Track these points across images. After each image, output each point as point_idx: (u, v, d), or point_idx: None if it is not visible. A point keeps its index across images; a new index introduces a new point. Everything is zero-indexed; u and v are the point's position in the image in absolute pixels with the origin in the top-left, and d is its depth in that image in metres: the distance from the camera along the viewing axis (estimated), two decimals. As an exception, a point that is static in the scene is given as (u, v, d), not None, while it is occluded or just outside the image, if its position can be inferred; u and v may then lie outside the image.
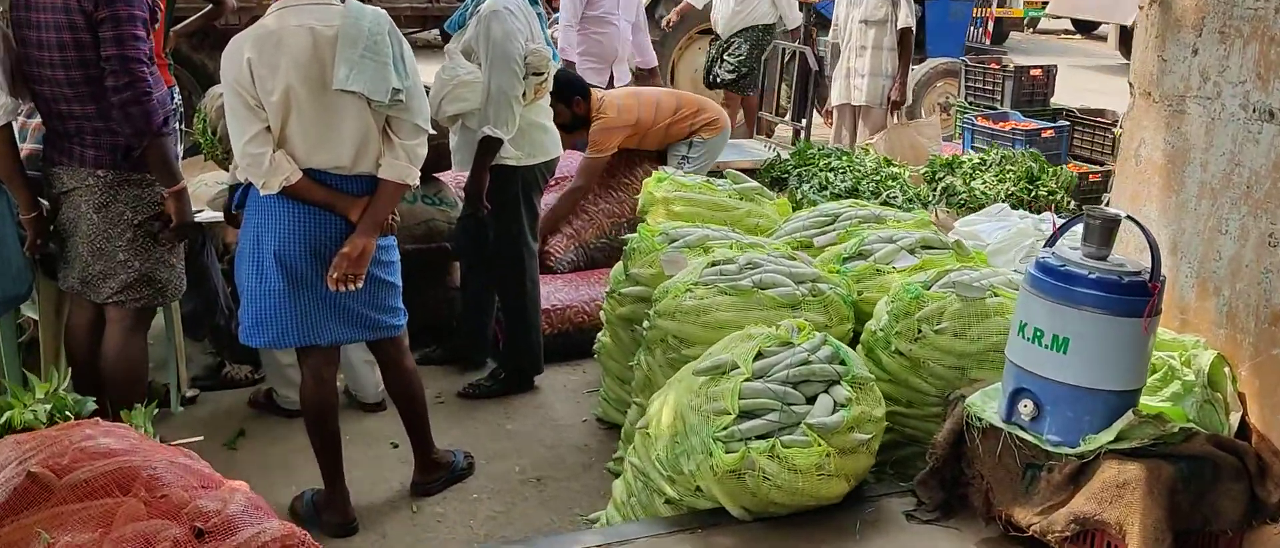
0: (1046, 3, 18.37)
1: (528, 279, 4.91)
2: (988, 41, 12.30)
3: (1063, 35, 21.75)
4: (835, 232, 4.60)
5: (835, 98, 7.45)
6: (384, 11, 3.66)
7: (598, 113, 5.56)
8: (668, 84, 9.70)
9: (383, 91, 3.52)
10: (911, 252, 4.22)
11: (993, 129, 8.32)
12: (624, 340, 4.48)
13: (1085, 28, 21.09)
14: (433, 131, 3.77)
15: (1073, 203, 5.76)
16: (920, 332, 3.67)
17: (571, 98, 5.48)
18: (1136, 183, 3.52)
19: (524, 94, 4.63)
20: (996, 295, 3.70)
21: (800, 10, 9.37)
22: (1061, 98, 9.57)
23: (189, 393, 4.88)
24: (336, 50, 3.50)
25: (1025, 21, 19.27)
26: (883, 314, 3.79)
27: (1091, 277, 3.05)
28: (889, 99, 7.19)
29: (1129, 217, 3.09)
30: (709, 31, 9.26)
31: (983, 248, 4.70)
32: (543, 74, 4.66)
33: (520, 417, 4.82)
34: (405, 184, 3.67)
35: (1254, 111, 3.10)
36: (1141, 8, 3.45)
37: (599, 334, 4.73)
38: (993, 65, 9.24)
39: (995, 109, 8.91)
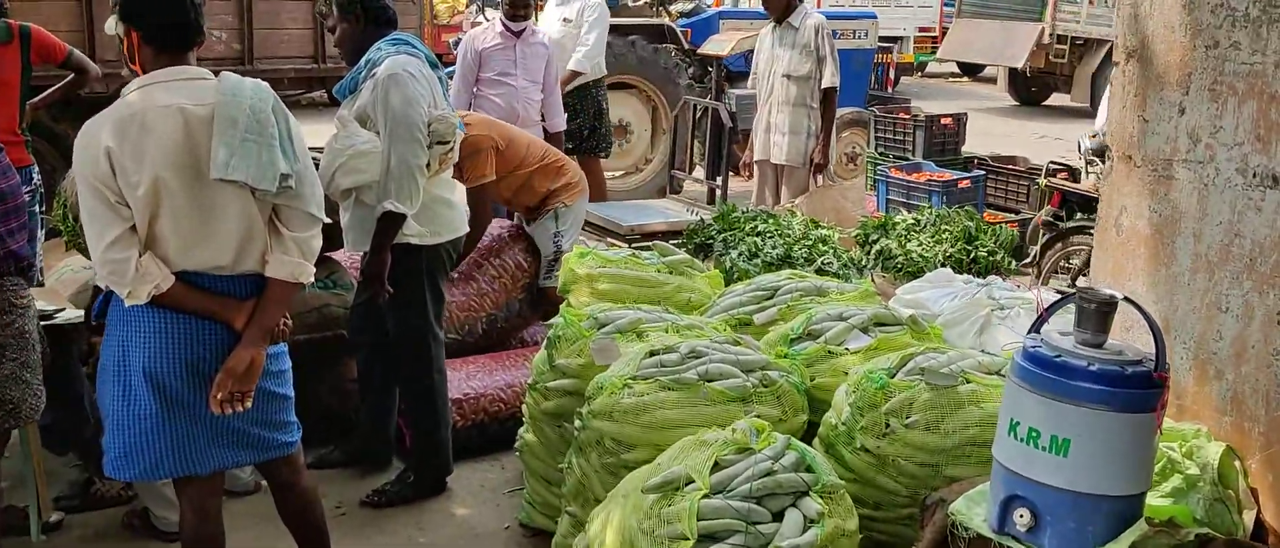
0: (935, 48, 18.53)
1: (434, 370, 4.42)
2: (891, 89, 12.19)
3: (950, 79, 22.02)
4: (776, 307, 4.22)
5: (756, 152, 7.05)
6: (265, 84, 3.18)
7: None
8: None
9: (269, 178, 3.04)
10: (864, 330, 3.86)
11: (908, 181, 8.12)
12: (551, 439, 4.02)
13: (971, 70, 21.38)
14: (328, 219, 3.28)
15: (1012, 261, 5.50)
16: (888, 426, 3.28)
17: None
18: (1119, 255, 3.20)
19: (428, 165, 4.16)
20: (969, 382, 3.34)
21: (686, 66, 9.12)
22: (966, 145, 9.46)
23: (52, 517, 4.26)
24: (213, 132, 3.01)
25: (914, 66, 19.42)
26: (844, 407, 3.40)
27: (1092, 369, 2.69)
28: (811, 160, 6.77)
29: (1127, 299, 2.75)
30: (622, 84, 8.92)
31: (932, 318, 4.36)
32: (448, 142, 4.20)
33: (434, 527, 4.32)
34: (298, 283, 3.17)
35: (1255, 177, 2.80)
36: (1117, 63, 3.15)
37: (521, 431, 4.26)
38: (902, 115, 9.08)
39: (907, 159, 8.73)
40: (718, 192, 7.19)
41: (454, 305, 5.27)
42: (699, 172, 8.95)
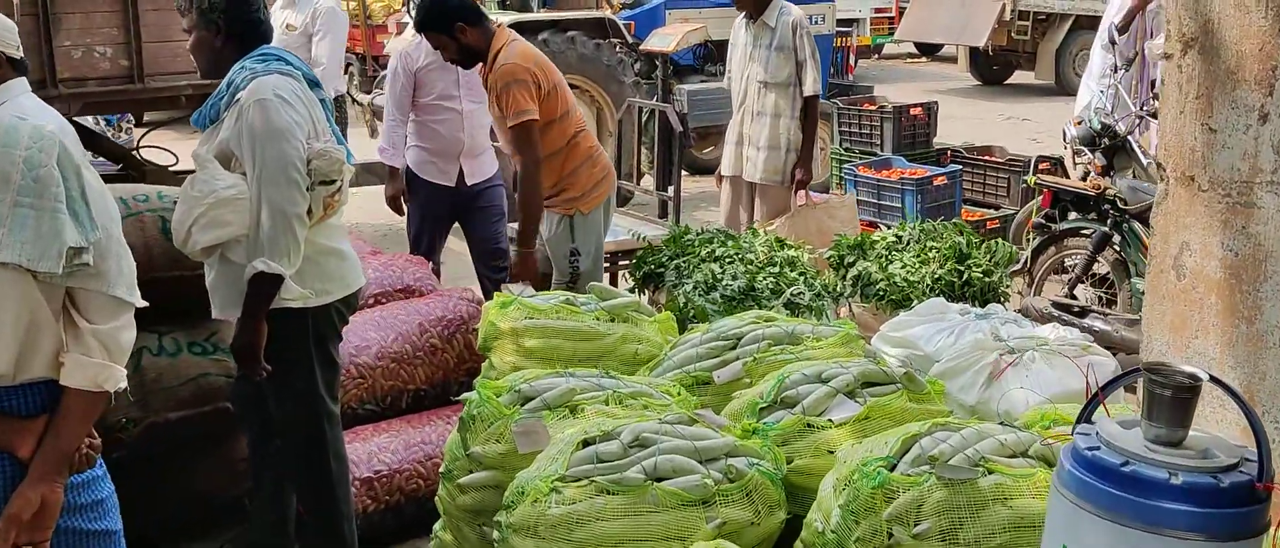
0: (892, 30, 17.85)
1: (330, 455, 3.64)
2: (851, 76, 11.47)
3: (908, 59, 21.37)
4: (741, 362, 3.48)
5: (725, 166, 6.13)
6: (51, 128, 2.38)
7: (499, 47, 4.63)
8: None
9: (52, 256, 2.25)
10: (850, 394, 3.12)
11: (878, 179, 7.41)
12: (471, 540, 3.25)
13: (929, 50, 20.73)
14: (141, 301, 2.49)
15: (1010, 282, 4.77)
16: (891, 537, 2.54)
17: (452, 24, 4.63)
18: (1182, 306, 2.47)
19: (309, 211, 3.37)
20: (991, 472, 2.60)
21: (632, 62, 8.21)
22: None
23: None
24: None
25: (871, 48, 18.73)
26: (833, 510, 2.65)
27: (1176, 483, 1.97)
28: (792, 176, 5.85)
29: (1215, 379, 2.02)
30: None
31: (927, 363, 3.64)
32: (335, 182, 3.40)
33: (337, 645, 3.54)
34: (102, 392, 2.38)
35: (1373, 206, 2.08)
36: (1169, 56, 2.42)
37: (437, 526, 3.49)
38: (867, 106, 8.37)
39: (875, 155, 8.02)
40: (670, 204, 6.39)
41: (378, 372, 4.46)
42: (648, 180, 8.14)
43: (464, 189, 5.41)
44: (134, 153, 6.83)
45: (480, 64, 4.78)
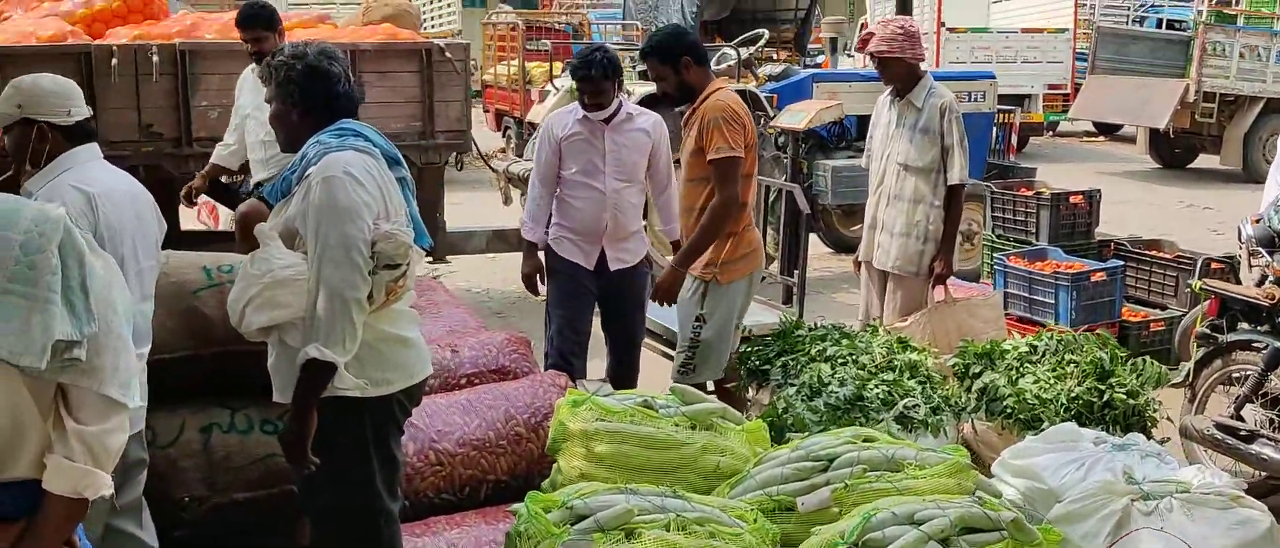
0: (1067, 106, 17.05)
1: (385, 558, 3.39)
2: (1013, 156, 10.86)
3: (1085, 138, 20.42)
4: (830, 487, 3.10)
5: (861, 250, 5.68)
6: (60, 211, 2.21)
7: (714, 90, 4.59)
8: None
9: (36, 350, 2.07)
10: (945, 542, 2.71)
11: (1031, 272, 6.87)
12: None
13: (1108, 129, 19.75)
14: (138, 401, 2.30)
15: (1158, 407, 4.21)
16: None
17: (680, 58, 4.59)
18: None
19: (370, 296, 3.16)
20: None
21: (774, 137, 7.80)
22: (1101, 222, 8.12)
23: None
24: None
25: (1045, 126, 17.93)
26: None
27: None
28: (931, 269, 5.30)
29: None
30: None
31: (1048, 501, 3.19)
32: (399, 267, 3.18)
33: None
34: (82, 499, 2.19)
35: None
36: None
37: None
38: (1023, 191, 7.81)
39: (1030, 244, 7.47)
40: (795, 291, 6.00)
41: (458, 460, 4.20)
42: (775, 264, 7.76)
43: (605, 274, 5.00)
44: (262, 212, 6.85)
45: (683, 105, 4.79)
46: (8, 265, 2.09)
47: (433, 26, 11.22)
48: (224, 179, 6.39)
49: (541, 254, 5.13)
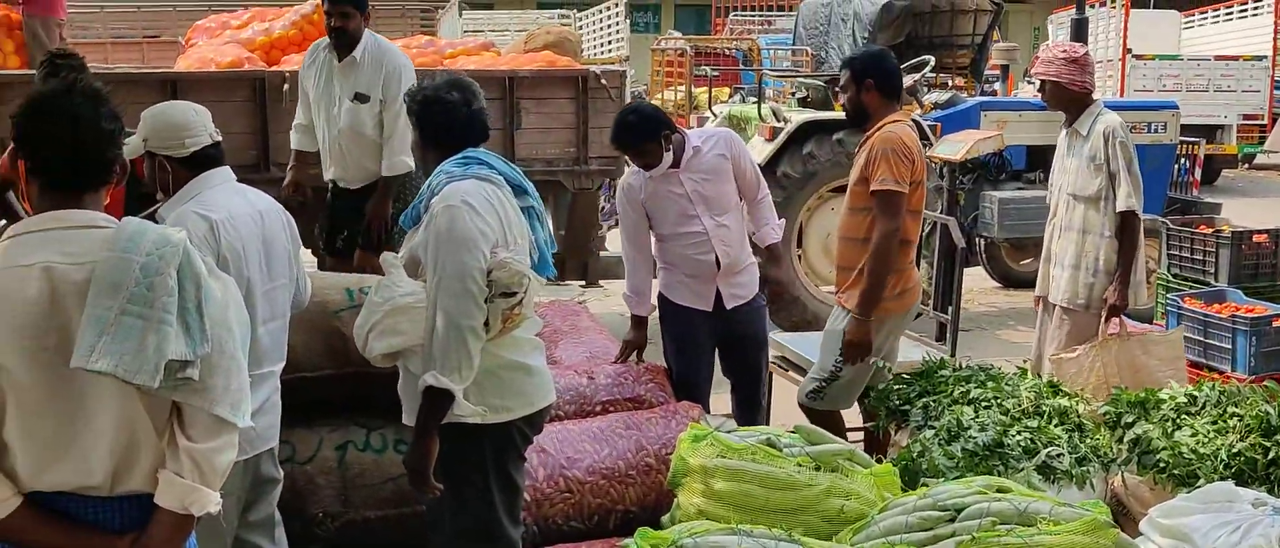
0: (1263, 138, 16.07)
1: (509, 586, 3.40)
2: (1196, 191, 10.28)
3: (1283, 172, 19.23)
4: (955, 540, 2.95)
5: (1037, 286, 5.47)
6: (180, 235, 2.30)
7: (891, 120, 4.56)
8: (796, 260, 8.06)
9: (149, 369, 2.15)
10: (1071, 605, 2.54)
11: (1206, 315, 6.43)
12: None
13: (1312, 163, 18.56)
14: (248, 421, 2.35)
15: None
16: None
17: (865, 79, 4.55)
18: None
19: (487, 324, 3.19)
20: None
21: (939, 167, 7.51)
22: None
23: None
24: (87, 303, 2.16)
25: (1239, 158, 16.94)
26: None
27: None
28: (1104, 300, 5.01)
29: None
30: (843, 188, 7.73)
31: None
32: (515, 295, 3.20)
33: None
34: (188, 515, 2.26)
35: None
36: None
37: None
38: (1202, 229, 7.35)
39: (1208, 285, 7.02)
40: (949, 329, 5.79)
41: (587, 489, 4.19)
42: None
43: (723, 313, 4.84)
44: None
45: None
46: (128, 287, 2.17)
47: (601, 52, 11.37)
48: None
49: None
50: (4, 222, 5.42)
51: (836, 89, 4.75)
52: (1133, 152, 5.00)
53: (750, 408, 4.97)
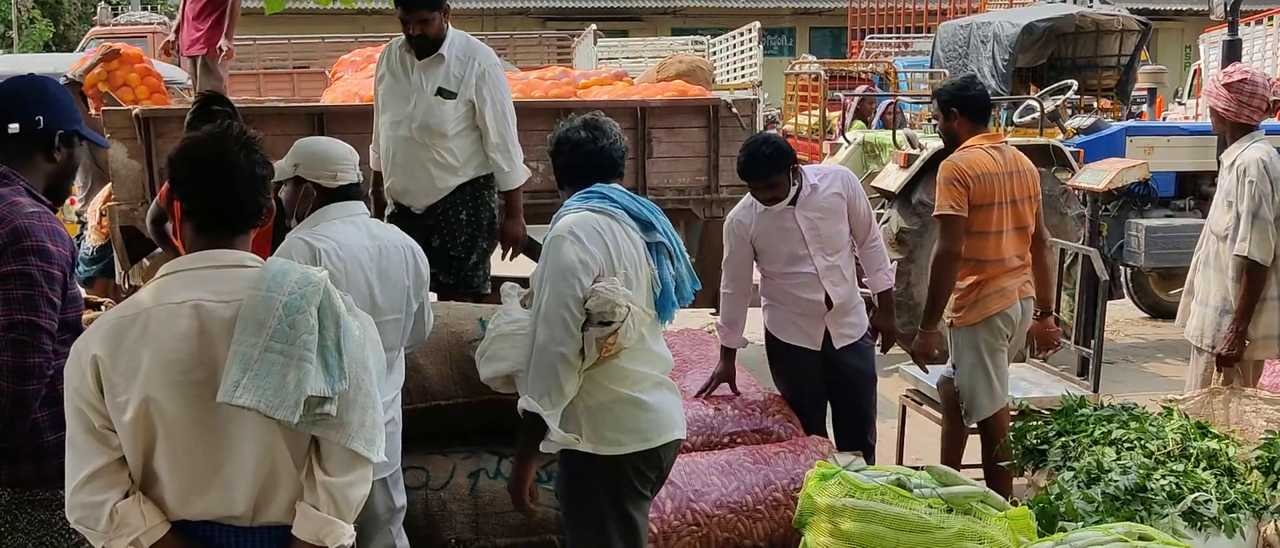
0: None
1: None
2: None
3: None
4: (1090, 589, 2.86)
5: (1177, 319, 5.29)
6: (323, 274, 2.39)
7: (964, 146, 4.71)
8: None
9: (290, 404, 2.23)
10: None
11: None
12: None
13: None
14: (382, 457, 2.42)
15: None
16: None
17: (952, 108, 4.78)
18: None
19: (582, 352, 3.22)
20: None
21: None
22: None
23: None
24: (232, 340, 2.27)
25: None
26: None
27: None
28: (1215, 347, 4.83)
29: None
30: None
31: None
32: (610, 323, 3.20)
33: None
34: (323, 547, 2.33)
35: None
36: None
37: None
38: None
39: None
40: (1091, 363, 5.59)
41: (715, 522, 4.18)
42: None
43: (831, 354, 4.80)
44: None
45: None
46: (271, 325, 2.27)
47: (735, 78, 11.36)
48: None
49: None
50: (159, 250, 5.72)
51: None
52: (1264, 192, 4.66)
53: (861, 448, 4.86)
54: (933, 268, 4.71)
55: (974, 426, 4.83)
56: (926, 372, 5.09)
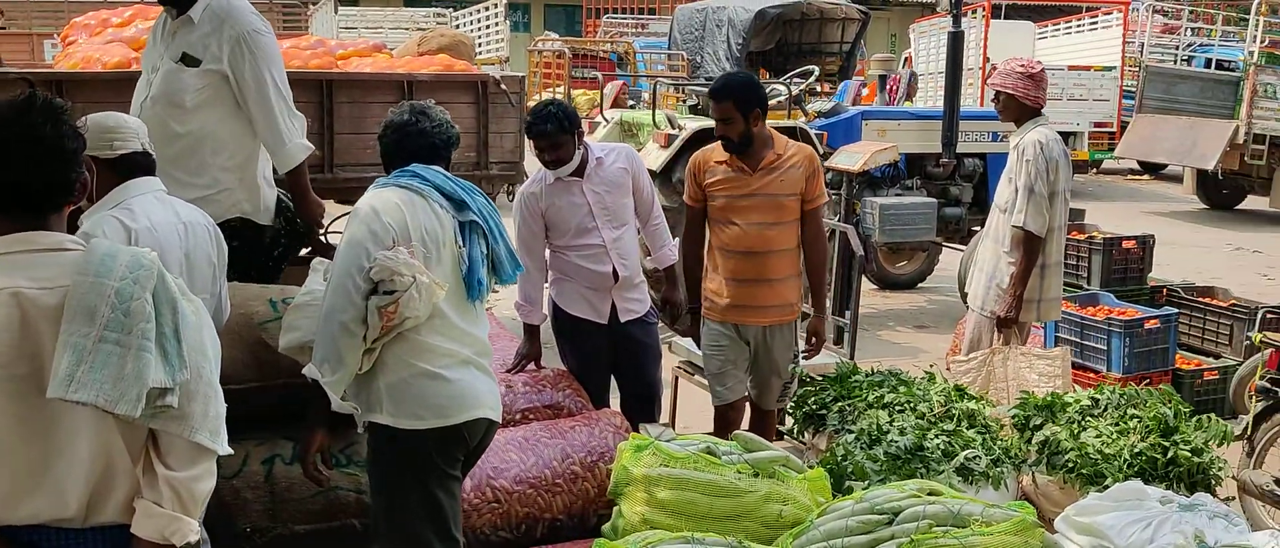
0: (1112, 145, 16.92)
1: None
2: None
3: (1129, 177, 20.27)
4: (896, 542, 3.08)
5: (962, 284, 5.74)
6: (152, 256, 2.25)
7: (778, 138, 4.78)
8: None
9: (130, 398, 2.10)
10: (1015, 604, 2.69)
11: (1083, 318, 6.80)
12: None
13: (1154, 168, 19.61)
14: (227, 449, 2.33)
15: (1223, 465, 4.16)
16: None
17: (753, 109, 4.62)
18: None
19: (366, 320, 3.21)
20: None
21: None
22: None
23: None
24: (60, 329, 2.11)
25: (1090, 163, 17.80)
26: None
27: None
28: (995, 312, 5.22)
29: None
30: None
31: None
32: (392, 293, 3.19)
33: None
34: (169, 545, 2.22)
35: None
36: None
37: None
38: (1075, 235, 7.76)
39: (1081, 289, 7.41)
40: (846, 332, 5.98)
41: (514, 498, 4.20)
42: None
43: (618, 327, 4.88)
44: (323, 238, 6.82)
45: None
46: (103, 314, 2.12)
47: (481, 53, 11.29)
48: None
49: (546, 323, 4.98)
50: None
51: (715, 116, 4.71)
52: (1039, 170, 5.11)
53: (647, 420, 5.00)
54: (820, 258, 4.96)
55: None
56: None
